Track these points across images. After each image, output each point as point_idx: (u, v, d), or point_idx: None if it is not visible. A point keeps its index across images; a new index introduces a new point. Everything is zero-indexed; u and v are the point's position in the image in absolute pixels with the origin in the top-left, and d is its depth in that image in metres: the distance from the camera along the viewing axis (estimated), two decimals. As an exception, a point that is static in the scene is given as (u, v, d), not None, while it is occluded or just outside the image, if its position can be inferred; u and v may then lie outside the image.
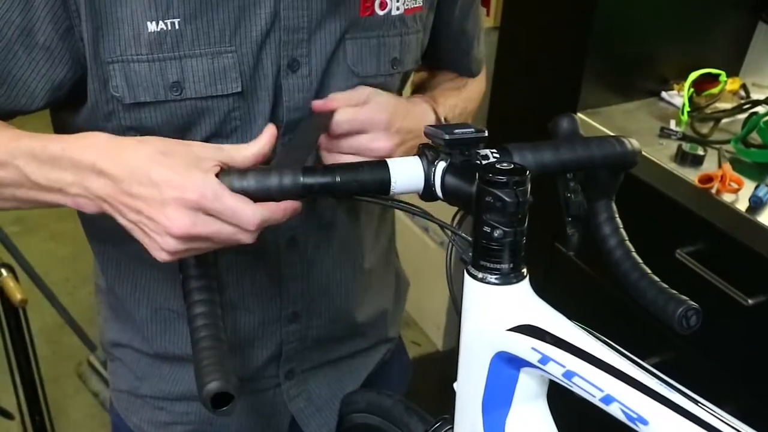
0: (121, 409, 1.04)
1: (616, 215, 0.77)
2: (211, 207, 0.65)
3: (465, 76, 1.05)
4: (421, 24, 0.90)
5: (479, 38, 1.04)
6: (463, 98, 1.00)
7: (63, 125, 0.86)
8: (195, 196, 0.65)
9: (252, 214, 0.66)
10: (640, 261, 0.74)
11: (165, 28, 0.74)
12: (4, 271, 1.66)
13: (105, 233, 0.91)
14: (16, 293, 1.62)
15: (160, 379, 0.98)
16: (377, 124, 0.80)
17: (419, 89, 1.04)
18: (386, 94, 0.84)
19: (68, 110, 0.82)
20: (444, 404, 0.76)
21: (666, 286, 0.72)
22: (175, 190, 0.65)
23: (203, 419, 1.00)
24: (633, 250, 0.75)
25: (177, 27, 0.75)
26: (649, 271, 0.74)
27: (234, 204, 0.65)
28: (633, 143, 0.74)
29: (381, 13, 0.84)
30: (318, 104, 0.81)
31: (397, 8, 0.85)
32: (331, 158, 0.82)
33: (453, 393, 0.70)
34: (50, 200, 0.72)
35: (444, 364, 2.56)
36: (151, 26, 0.74)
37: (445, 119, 0.90)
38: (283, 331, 0.96)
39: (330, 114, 0.79)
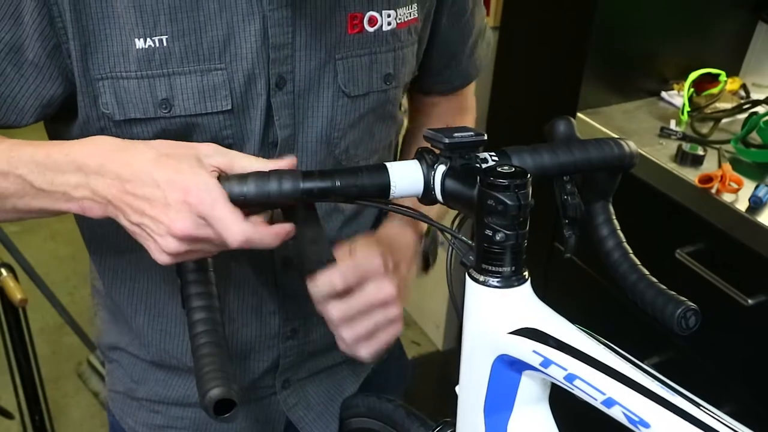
0: (117, 410, 1.04)
1: (614, 217, 0.77)
2: (204, 211, 0.65)
3: (445, 90, 1.03)
4: (416, 35, 0.89)
5: (472, 49, 1.01)
6: None
7: (58, 137, 0.85)
8: (196, 200, 0.64)
9: (237, 230, 0.65)
10: (638, 263, 0.74)
11: (153, 45, 0.74)
12: (4, 271, 1.66)
13: (103, 241, 0.91)
14: (16, 293, 1.62)
15: (156, 383, 0.98)
16: (374, 271, 0.80)
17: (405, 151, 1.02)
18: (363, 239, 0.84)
19: (62, 124, 0.82)
20: (443, 404, 0.76)
21: (664, 287, 0.72)
22: (179, 191, 0.64)
23: (198, 424, 1.00)
24: (631, 251, 0.75)
25: (165, 44, 0.74)
26: (647, 273, 0.74)
27: (224, 214, 0.65)
28: (630, 145, 0.74)
29: (371, 29, 0.83)
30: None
31: (389, 23, 0.84)
32: (349, 331, 0.81)
33: (455, 396, 0.70)
34: (54, 207, 0.72)
35: (444, 365, 2.56)
36: (139, 43, 0.74)
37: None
38: (281, 346, 0.96)
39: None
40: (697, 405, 0.55)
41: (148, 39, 0.74)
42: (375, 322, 0.81)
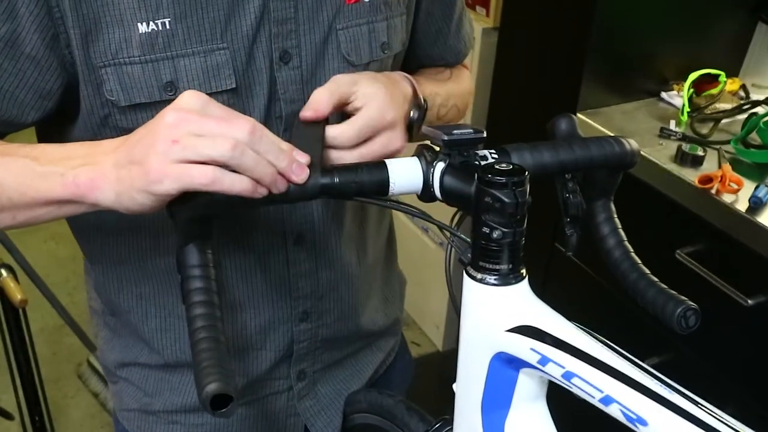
0: (132, 428, 1.03)
1: (615, 215, 0.77)
2: (195, 124, 0.63)
3: (440, 66, 1.04)
4: (404, 6, 0.90)
5: (458, 26, 1.03)
6: (445, 90, 0.97)
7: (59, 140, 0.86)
8: (184, 114, 0.63)
9: (243, 120, 0.63)
10: (639, 261, 0.74)
11: (156, 29, 0.74)
12: (4, 272, 1.66)
13: (104, 251, 0.91)
14: (17, 294, 1.62)
15: (171, 392, 0.97)
16: (388, 124, 0.78)
17: None
18: (368, 80, 0.79)
19: (59, 125, 0.82)
20: (443, 405, 0.76)
21: (665, 286, 0.72)
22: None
23: (219, 429, 0.99)
24: (632, 250, 0.75)
25: (168, 26, 0.75)
26: (648, 271, 0.74)
27: (219, 110, 0.64)
28: (632, 143, 0.74)
29: None
30: (307, 115, 0.76)
31: None
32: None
33: (452, 394, 0.70)
34: (48, 187, 0.69)
35: (443, 365, 2.56)
36: (142, 27, 0.74)
37: (423, 101, 0.88)
38: (294, 330, 0.96)
39: (323, 121, 0.76)
40: (695, 403, 0.55)
41: (151, 22, 0.74)
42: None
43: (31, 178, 0.70)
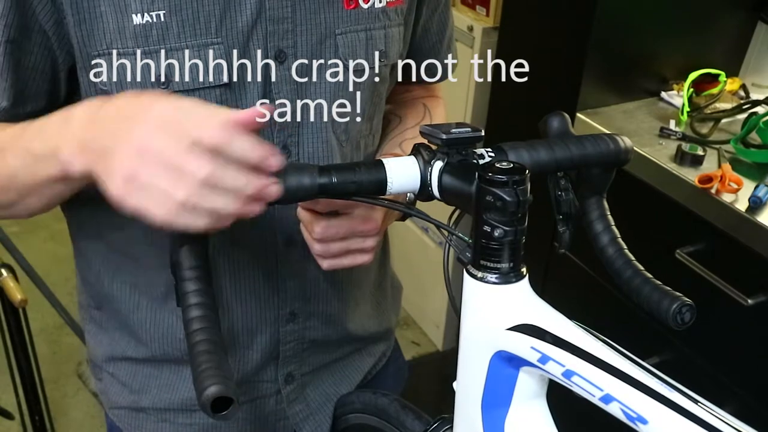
0: (124, 425, 1.03)
1: (608, 212, 0.77)
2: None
3: (426, 81, 1.03)
4: (401, 18, 0.90)
5: (448, 43, 1.04)
6: None
7: None
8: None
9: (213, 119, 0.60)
10: (633, 258, 0.74)
11: (150, 21, 0.75)
12: (4, 272, 1.66)
13: (99, 240, 0.91)
14: (16, 293, 1.62)
15: (159, 389, 0.97)
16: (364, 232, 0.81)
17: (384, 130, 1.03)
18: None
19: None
20: (443, 404, 0.76)
21: (659, 282, 0.72)
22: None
23: (207, 430, 0.99)
24: (625, 247, 0.75)
25: (162, 19, 0.75)
26: (642, 268, 0.74)
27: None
28: (625, 140, 0.74)
29: (365, 6, 0.85)
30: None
31: (380, 0, 0.86)
32: (323, 248, 0.81)
33: (452, 392, 0.70)
34: (46, 173, 0.69)
35: (443, 364, 2.56)
36: (137, 19, 0.75)
37: None
38: (281, 331, 0.96)
39: None
40: (696, 401, 0.55)
41: (146, 14, 0.75)
42: (348, 247, 0.81)
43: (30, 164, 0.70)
